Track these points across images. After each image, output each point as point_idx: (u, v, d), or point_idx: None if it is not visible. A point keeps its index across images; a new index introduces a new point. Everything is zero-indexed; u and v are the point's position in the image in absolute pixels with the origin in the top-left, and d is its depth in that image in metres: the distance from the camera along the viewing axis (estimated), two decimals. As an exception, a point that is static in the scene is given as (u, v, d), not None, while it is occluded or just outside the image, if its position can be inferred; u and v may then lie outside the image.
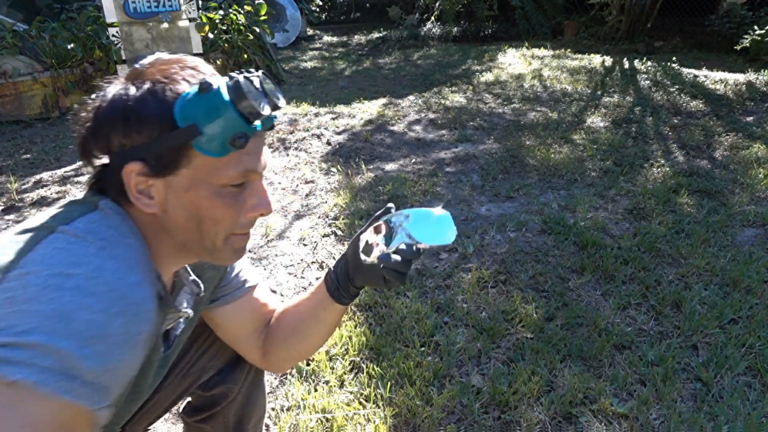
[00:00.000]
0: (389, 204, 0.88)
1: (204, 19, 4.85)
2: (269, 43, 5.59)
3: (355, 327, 1.82)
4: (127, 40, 4.08)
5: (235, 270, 0.95)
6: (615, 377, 1.59)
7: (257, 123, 0.67)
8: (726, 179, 2.96)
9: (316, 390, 1.57)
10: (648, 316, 1.87)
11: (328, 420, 1.45)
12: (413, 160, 3.36)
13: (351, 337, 1.76)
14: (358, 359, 1.69)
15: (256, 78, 0.69)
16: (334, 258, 2.26)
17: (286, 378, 1.63)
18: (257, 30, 5.35)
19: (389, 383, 1.56)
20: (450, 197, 2.80)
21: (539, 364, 1.63)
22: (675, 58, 5.85)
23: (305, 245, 2.39)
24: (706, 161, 3.26)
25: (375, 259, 0.83)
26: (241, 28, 5.23)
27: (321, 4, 11.19)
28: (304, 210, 2.75)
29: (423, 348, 1.72)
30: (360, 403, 1.52)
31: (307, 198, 2.88)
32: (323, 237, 2.45)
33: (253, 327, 0.98)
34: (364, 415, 1.48)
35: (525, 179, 3.03)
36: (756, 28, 5.84)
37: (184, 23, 4.70)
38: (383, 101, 4.73)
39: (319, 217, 2.64)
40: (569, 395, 1.51)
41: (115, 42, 4.17)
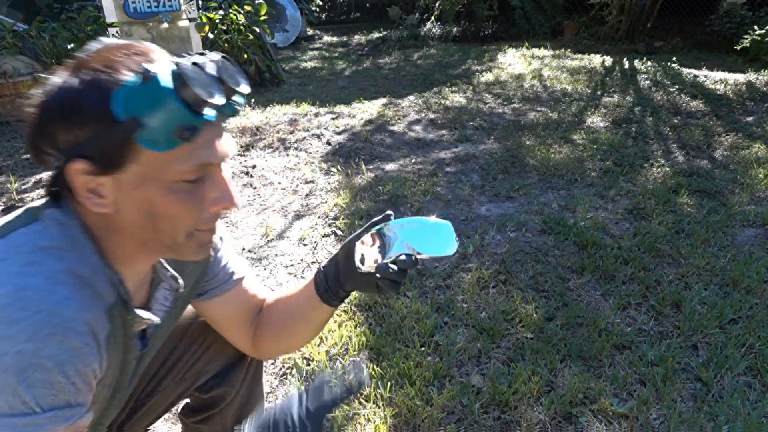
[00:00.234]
0: (388, 212, 0.84)
1: (204, 19, 4.86)
2: (269, 43, 5.59)
3: (355, 327, 1.82)
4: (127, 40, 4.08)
5: (222, 262, 0.93)
6: (615, 377, 1.59)
7: (208, 112, 0.62)
8: (726, 179, 2.96)
9: (316, 390, 1.57)
10: (648, 316, 1.87)
11: (328, 420, 1.45)
12: (413, 160, 3.36)
13: (351, 337, 1.76)
14: (358, 359, 1.69)
15: (210, 63, 0.64)
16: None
17: (286, 378, 1.63)
18: (257, 30, 5.35)
19: (389, 383, 1.56)
20: (450, 197, 2.80)
21: (539, 364, 1.63)
22: (675, 58, 5.85)
23: (305, 245, 2.39)
24: (706, 161, 3.26)
25: (371, 269, 0.81)
26: (241, 28, 5.23)
27: (321, 4, 11.20)
28: (304, 210, 2.75)
29: (423, 348, 1.72)
30: (360, 403, 1.52)
31: (307, 198, 2.88)
32: (323, 237, 2.45)
33: (243, 318, 0.97)
34: (364, 415, 1.48)
35: (525, 179, 3.03)
36: (756, 28, 5.84)
37: (184, 23, 4.70)
38: (383, 101, 4.73)
39: (319, 217, 2.65)
40: (569, 395, 1.51)
41: (115, 42, 4.17)
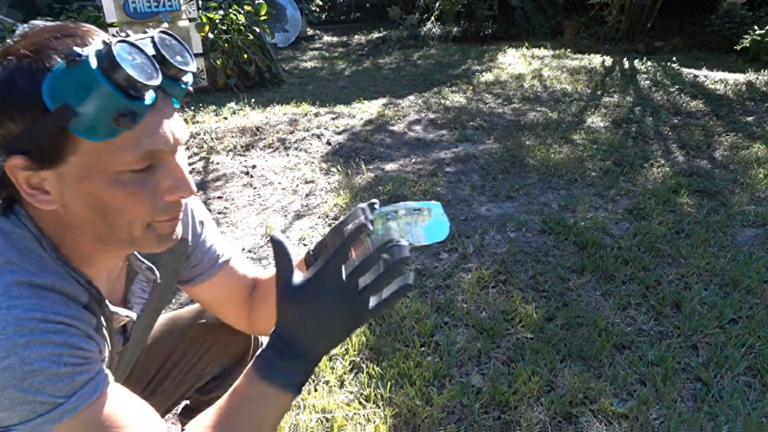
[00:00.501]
0: (374, 200, 0.74)
1: (204, 19, 4.86)
2: (269, 43, 5.59)
3: (355, 327, 1.82)
4: (127, 40, 4.08)
5: (207, 245, 0.91)
6: (615, 377, 1.59)
7: (148, 95, 0.57)
8: (726, 179, 2.96)
9: (316, 390, 1.57)
10: (648, 316, 1.87)
11: (328, 420, 1.45)
12: (413, 160, 3.36)
13: (351, 337, 1.76)
14: (358, 359, 1.69)
15: (147, 39, 0.60)
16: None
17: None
18: (257, 30, 5.35)
19: (389, 383, 1.56)
20: (450, 197, 2.80)
21: (539, 364, 1.63)
22: (675, 58, 5.85)
23: (305, 245, 2.39)
24: (706, 161, 3.26)
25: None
26: (241, 28, 5.23)
27: (321, 4, 11.19)
28: (304, 210, 2.75)
29: (423, 348, 1.72)
30: (360, 403, 1.52)
31: (307, 198, 2.88)
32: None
33: (236, 298, 0.96)
34: (364, 415, 1.48)
35: (525, 179, 3.03)
36: (756, 28, 5.84)
37: (184, 23, 4.70)
38: (383, 101, 4.73)
39: (319, 217, 2.65)
40: (569, 395, 1.51)
41: (115, 42, 4.17)
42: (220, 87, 5.17)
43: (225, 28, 5.17)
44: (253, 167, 3.30)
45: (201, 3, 5.06)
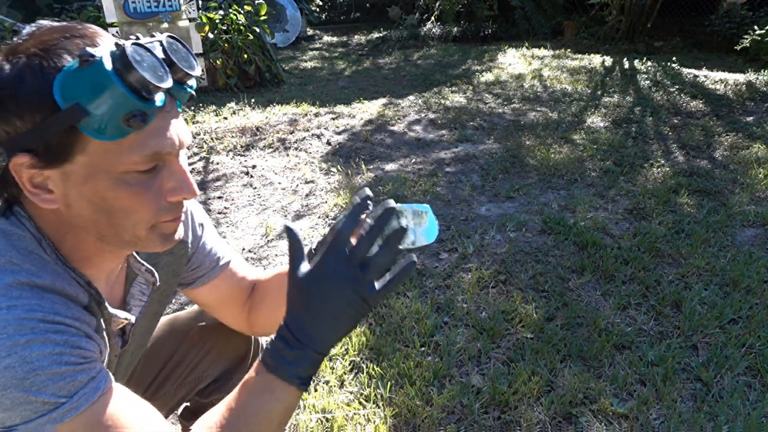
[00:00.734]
0: (367, 192, 0.69)
1: (204, 19, 4.86)
2: (269, 43, 5.59)
3: (355, 327, 1.82)
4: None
5: (206, 250, 0.92)
6: (615, 377, 1.59)
7: (158, 97, 0.58)
8: (726, 179, 2.96)
9: (316, 390, 1.57)
10: (648, 316, 1.88)
11: (328, 420, 1.45)
12: (413, 160, 3.36)
13: (351, 337, 1.76)
14: (358, 359, 1.69)
15: (156, 43, 0.61)
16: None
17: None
18: (257, 30, 5.35)
19: (389, 383, 1.56)
20: (450, 197, 2.80)
21: (539, 364, 1.63)
22: (675, 58, 5.85)
23: (305, 245, 2.39)
24: (706, 161, 3.26)
25: None
26: (241, 28, 5.23)
27: (321, 4, 11.20)
28: (304, 210, 2.75)
29: (423, 348, 1.72)
30: (360, 403, 1.52)
31: (307, 198, 2.88)
32: (323, 237, 2.45)
33: (236, 300, 0.97)
34: (364, 415, 1.48)
35: (525, 179, 3.03)
36: (756, 28, 5.84)
37: (184, 23, 4.71)
38: (383, 101, 4.73)
39: (319, 217, 2.65)
40: (569, 395, 1.51)
41: (115, 42, 4.17)
42: (220, 87, 5.17)
43: (225, 28, 5.17)
44: (253, 167, 3.30)
45: (201, 3, 5.06)
